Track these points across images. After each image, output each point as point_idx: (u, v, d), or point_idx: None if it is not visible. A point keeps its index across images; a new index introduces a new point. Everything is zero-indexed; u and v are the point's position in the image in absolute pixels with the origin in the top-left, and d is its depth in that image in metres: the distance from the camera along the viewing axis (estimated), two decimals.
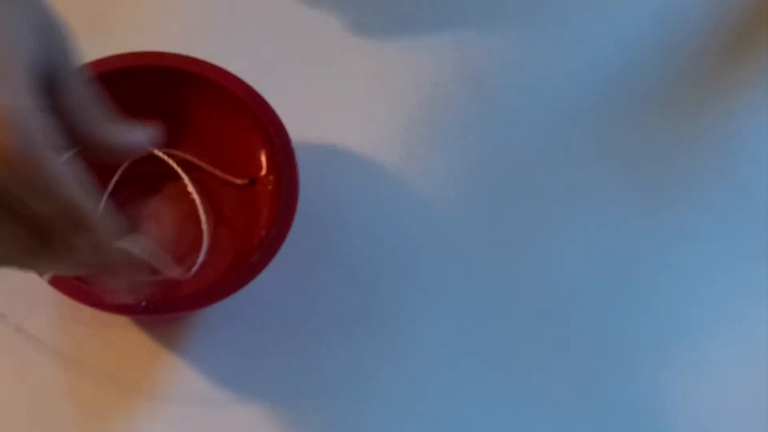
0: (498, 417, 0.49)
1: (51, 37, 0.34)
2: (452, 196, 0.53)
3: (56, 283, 0.44)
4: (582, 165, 0.55)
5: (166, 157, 0.49)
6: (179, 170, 0.49)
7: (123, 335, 0.49)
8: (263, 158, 0.49)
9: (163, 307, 0.44)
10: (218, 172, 0.51)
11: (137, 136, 0.38)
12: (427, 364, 0.50)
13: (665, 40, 0.59)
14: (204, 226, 0.48)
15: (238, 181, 0.50)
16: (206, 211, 0.49)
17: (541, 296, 0.52)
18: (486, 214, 0.53)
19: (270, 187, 0.48)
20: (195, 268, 0.47)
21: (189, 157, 0.51)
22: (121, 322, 0.49)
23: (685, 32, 0.59)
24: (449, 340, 0.50)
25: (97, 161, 0.37)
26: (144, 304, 0.44)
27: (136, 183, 0.51)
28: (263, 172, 0.49)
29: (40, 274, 0.44)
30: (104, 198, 0.49)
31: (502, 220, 0.53)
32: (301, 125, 0.50)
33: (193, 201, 0.51)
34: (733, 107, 0.57)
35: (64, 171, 0.32)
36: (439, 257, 0.52)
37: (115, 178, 0.50)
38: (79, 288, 0.44)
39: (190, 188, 0.48)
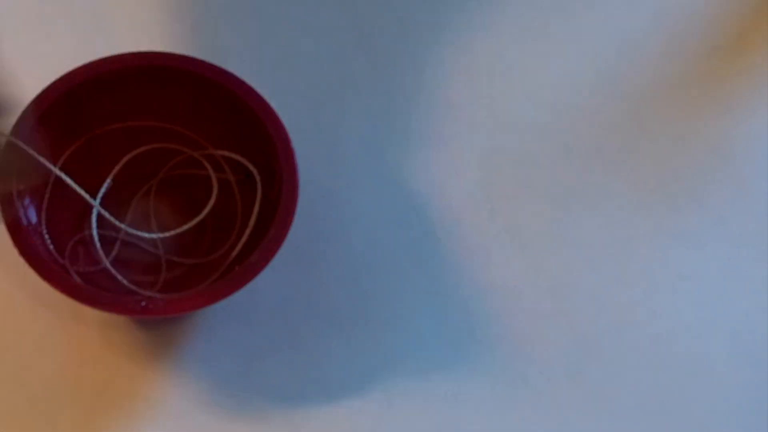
0: (497, 416, 0.49)
1: None
2: (452, 196, 0.53)
3: (56, 283, 0.44)
4: (582, 165, 0.55)
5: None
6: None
7: (123, 335, 0.49)
8: (263, 158, 0.49)
9: (163, 307, 0.44)
10: (225, 162, 0.51)
11: None
12: (427, 363, 0.50)
13: (665, 40, 0.59)
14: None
15: (233, 177, 0.50)
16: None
17: (539, 296, 0.52)
18: (485, 213, 0.53)
19: (270, 187, 0.48)
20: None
21: (191, 152, 0.51)
22: (121, 322, 0.49)
23: (685, 32, 0.59)
24: (449, 340, 0.50)
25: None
26: (144, 304, 0.44)
27: (135, 183, 0.51)
28: (263, 172, 0.49)
29: None
30: (99, 195, 0.49)
31: (501, 220, 0.53)
32: (300, 125, 0.50)
33: (192, 197, 0.51)
34: (733, 107, 0.57)
35: None
36: (438, 257, 0.52)
37: (109, 180, 0.50)
38: (79, 288, 0.44)
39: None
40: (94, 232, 0.48)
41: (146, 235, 0.48)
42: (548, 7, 0.59)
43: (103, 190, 0.49)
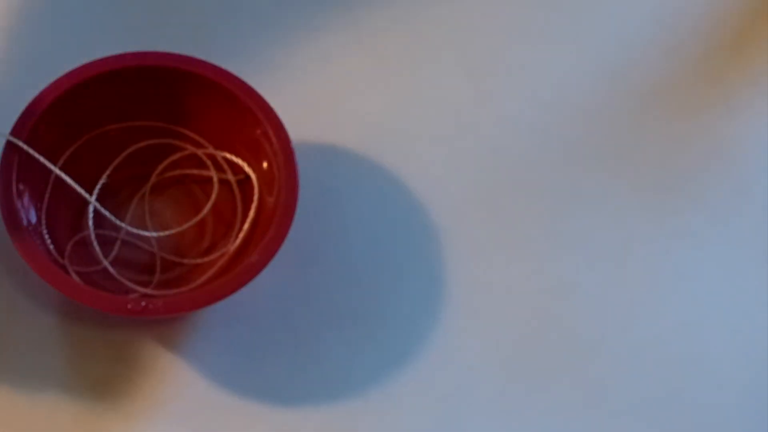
0: (497, 416, 0.49)
1: None
2: (452, 196, 0.53)
3: (56, 283, 0.44)
4: (582, 165, 0.55)
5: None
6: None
7: (123, 335, 0.49)
8: (263, 158, 0.49)
9: (163, 307, 0.44)
10: (225, 165, 0.51)
11: None
12: (426, 363, 0.50)
13: (665, 40, 0.59)
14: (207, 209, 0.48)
15: (233, 177, 0.50)
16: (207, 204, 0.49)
17: (539, 296, 0.52)
18: (485, 213, 0.53)
19: (269, 187, 0.48)
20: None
21: (190, 148, 0.51)
22: (121, 322, 0.49)
23: (685, 32, 0.59)
24: (449, 339, 0.50)
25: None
26: (144, 304, 0.44)
27: (135, 183, 0.51)
28: (263, 172, 0.49)
29: None
30: (95, 193, 0.49)
31: (501, 220, 0.53)
32: (301, 125, 0.50)
33: (191, 196, 0.51)
34: (733, 107, 0.57)
35: None
36: (438, 258, 0.52)
37: (106, 174, 0.50)
38: (79, 288, 0.44)
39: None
40: (91, 230, 0.48)
41: (145, 233, 0.48)
42: (548, 7, 0.59)
43: (99, 185, 0.49)
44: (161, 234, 0.48)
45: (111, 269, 0.48)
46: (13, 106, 0.47)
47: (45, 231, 0.47)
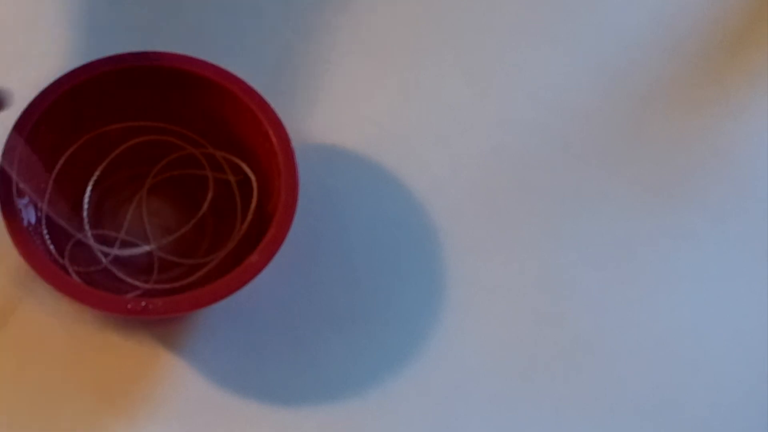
0: (497, 416, 0.49)
1: None
2: (452, 196, 0.53)
3: (56, 283, 0.44)
4: (582, 165, 0.55)
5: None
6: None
7: (123, 335, 0.49)
8: (263, 158, 0.49)
9: (163, 307, 0.44)
10: (225, 163, 0.51)
11: None
12: (426, 363, 0.50)
13: (665, 40, 0.59)
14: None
15: (232, 178, 0.50)
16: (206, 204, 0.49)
17: (540, 296, 0.52)
18: (485, 213, 0.53)
19: (269, 188, 0.48)
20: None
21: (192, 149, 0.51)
22: (121, 322, 0.49)
23: (685, 32, 0.59)
24: (449, 339, 0.50)
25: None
26: (144, 304, 0.44)
27: (134, 183, 0.51)
28: (262, 172, 0.49)
29: None
30: (90, 186, 0.49)
31: (501, 220, 0.53)
32: (301, 125, 0.50)
33: (190, 196, 0.51)
34: (733, 107, 0.57)
35: None
36: (438, 257, 0.52)
37: (101, 167, 0.50)
38: (79, 288, 0.44)
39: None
40: (86, 225, 0.48)
41: (144, 247, 0.49)
42: (548, 7, 0.59)
43: (94, 178, 0.49)
44: (157, 244, 0.49)
45: (112, 269, 0.48)
46: (13, 106, 0.47)
47: (45, 231, 0.47)
